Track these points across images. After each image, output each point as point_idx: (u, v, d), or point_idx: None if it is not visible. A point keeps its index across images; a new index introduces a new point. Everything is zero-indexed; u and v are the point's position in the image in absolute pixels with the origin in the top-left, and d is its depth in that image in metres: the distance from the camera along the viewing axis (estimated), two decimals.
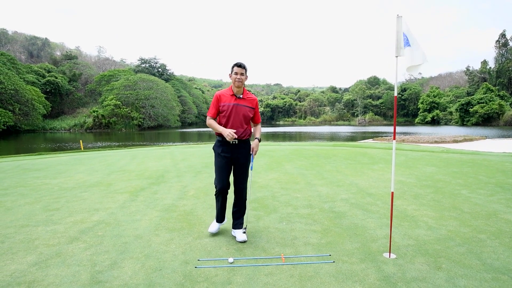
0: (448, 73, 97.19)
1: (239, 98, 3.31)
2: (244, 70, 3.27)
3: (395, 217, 3.95)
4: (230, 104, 3.27)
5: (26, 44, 77.21)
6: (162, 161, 9.05)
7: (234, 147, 3.29)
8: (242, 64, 3.25)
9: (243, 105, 3.31)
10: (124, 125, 52.91)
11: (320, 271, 2.66)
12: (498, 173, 6.61)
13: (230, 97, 3.31)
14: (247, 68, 3.31)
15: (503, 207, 4.31)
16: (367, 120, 72.90)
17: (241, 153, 3.32)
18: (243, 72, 3.26)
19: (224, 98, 3.31)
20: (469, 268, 2.68)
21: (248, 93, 3.42)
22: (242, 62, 3.26)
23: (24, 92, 43.38)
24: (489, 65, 67.51)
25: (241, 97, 3.32)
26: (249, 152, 3.39)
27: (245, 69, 3.28)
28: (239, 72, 3.24)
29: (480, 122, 51.41)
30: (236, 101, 3.28)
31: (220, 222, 3.54)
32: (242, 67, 3.25)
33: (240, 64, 3.25)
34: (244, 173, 3.39)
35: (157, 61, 71.05)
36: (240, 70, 3.24)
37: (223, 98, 3.32)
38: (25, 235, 3.54)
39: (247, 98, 3.36)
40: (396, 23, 2.90)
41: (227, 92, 3.36)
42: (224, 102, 3.29)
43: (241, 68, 3.24)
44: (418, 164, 7.93)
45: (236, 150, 3.30)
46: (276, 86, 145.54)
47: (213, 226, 3.52)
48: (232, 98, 3.30)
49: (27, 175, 7.34)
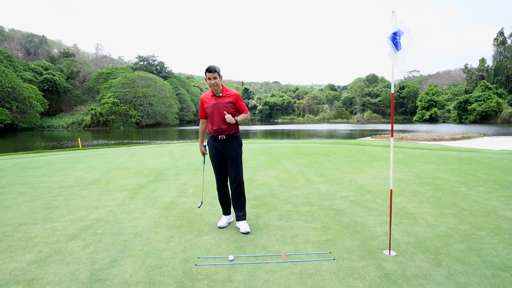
0: (446, 71, 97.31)
1: (219, 97, 3.54)
2: (215, 73, 3.42)
3: (394, 214, 3.95)
4: (211, 104, 3.54)
5: (23, 41, 76.75)
6: (161, 159, 9.03)
7: (222, 142, 3.55)
8: (212, 68, 3.40)
9: (222, 102, 3.52)
10: (122, 123, 52.77)
11: (321, 268, 2.65)
12: (497, 171, 6.63)
13: (211, 98, 3.57)
14: (218, 69, 3.45)
15: (502, 204, 4.32)
16: (365, 118, 72.97)
17: (229, 148, 3.56)
18: (216, 76, 3.43)
19: (207, 100, 3.60)
20: (469, 265, 2.68)
21: (228, 90, 3.61)
22: (212, 66, 3.41)
23: (21, 89, 43.12)
24: (487, 63, 67.67)
25: (220, 96, 3.54)
26: (237, 146, 3.61)
27: (217, 71, 3.43)
28: (211, 77, 3.42)
29: (478, 120, 51.58)
30: (216, 100, 3.53)
31: (226, 215, 3.75)
32: (212, 72, 3.41)
33: (210, 70, 3.40)
34: (236, 166, 3.59)
35: (155, 58, 70.82)
36: (211, 75, 3.41)
37: (206, 100, 3.61)
38: (24, 233, 3.52)
39: (226, 95, 3.56)
40: (392, 20, 2.89)
41: (208, 94, 3.62)
42: (207, 104, 3.57)
43: (212, 73, 3.41)
44: (417, 161, 7.94)
45: (225, 144, 3.55)
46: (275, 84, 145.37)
47: (221, 220, 3.71)
48: (212, 99, 3.56)
49: (25, 173, 7.31)
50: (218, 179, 3.71)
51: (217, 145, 3.57)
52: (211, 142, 3.62)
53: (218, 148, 3.57)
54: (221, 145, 3.56)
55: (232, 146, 3.57)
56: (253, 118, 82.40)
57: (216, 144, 3.57)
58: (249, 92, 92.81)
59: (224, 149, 3.56)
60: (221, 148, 3.56)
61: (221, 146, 3.56)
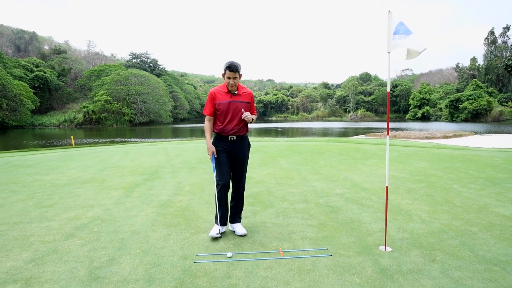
0: (438, 70, 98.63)
1: (235, 95, 3.28)
2: (237, 73, 3.18)
3: (389, 211, 4.01)
4: (226, 101, 3.24)
5: (13, 37, 75.22)
6: (156, 157, 8.99)
7: (232, 143, 3.31)
8: (234, 67, 3.14)
9: (239, 101, 3.28)
10: (115, 121, 52.26)
11: (318, 265, 2.69)
12: (488, 168, 6.76)
13: (225, 95, 3.26)
14: (239, 68, 3.20)
15: (493, 201, 4.42)
16: (359, 116, 73.51)
17: (240, 149, 3.34)
18: (236, 76, 3.19)
19: (219, 96, 3.26)
20: (463, 260, 2.75)
21: (243, 88, 3.38)
22: (234, 64, 3.15)
23: (11, 87, 42.38)
24: (478, 62, 68.68)
25: (236, 94, 3.29)
26: (247, 147, 3.43)
27: (238, 71, 3.18)
28: (232, 77, 3.17)
29: (469, 118, 52.37)
30: (232, 98, 3.26)
31: (221, 225, 3.32)
32: (234, 71, 3.14)
33: (232, 69, 3.13)
34: (243, 168, 3.40)
35: (148, 56, 70.20)
36: (232, 74, 3.15)
37: (218, 96, 3.27)
38: (19, 232, 3.49)
39: (242, 93, 3.33)
40: (388, 19, 2.92)
41: (221, 89, 3.30)
42: (219, 100, 3.25)
43: (234, 73, 3.15)
44: (411, 159, 8.05)
45: (235, 145, 3.32)
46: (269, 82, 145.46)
47: (214, 229, 3.31)
48: (227, 95, 3.26)
49: (17, 171, 7.21)
50: (222, 183, 3.27)
51: (226, 147, 3.30)
52: (219, 143, 3.32)
53: (228, 150, 3.30)
54: (231, 147, 3.30)
55: (242, 147, 3.35)
56: None
57: (225, 145, 3.30)
58: None
59: (234, 151, 3.31)
60: (231, 149, 3.30)
61: (230, 147, 3.30)
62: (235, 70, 3.15)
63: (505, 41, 63.42)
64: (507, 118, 50.40)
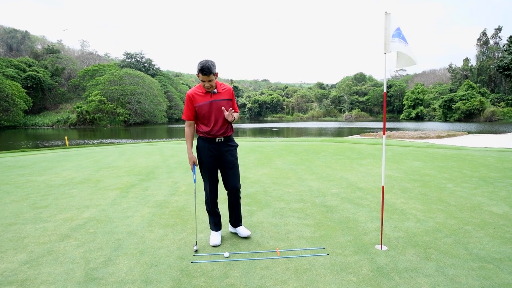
0: (432, 70, 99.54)
1: (214, 93, 3.06)
2: (211, 75, 2.92)
3: (385, 210, 4.04)
4: (207, 102, 3.03)
5: (4, 37, 74.28)
6: (151, 157, 8.95)
7: (220, 145, 3.14)
8: (207, 70, 2.88)
9: (220, 99, 3.07)
10: (110, 121, 51.91)
11: (315, 264, 2.71)
12: (481, 167, 6.84)
13: (204, 96, 3.04)
14: (213, 69, 2.93)
15: (487, 200, 4.48)
16: (353, 116, 73.92)
17: (228, 150, 3.18)
18: (211, 79, 2.95)
19: (199, 98, 3.04)
20: (457, 258, 2.79)
21: (222, 85, 3.16)
22: (207, 66, 2.88)
23: (3, 86, 41.91)
24: (470, 63, 69.46)
25: (215, 92, 3.07)
26: (235, 149, 3.26)
27: (212, 73, 2.92)
28: (206, 80, 2.94)
29: (462, 118, 52.96)
30: (212, 98, 3.05)
31: (218, 230, 3.28)
32: (207, 74, 2.90)
33: (205, 71, 2.89)
34: (234, 171, 3.21)
35: (143, 56, 69.75)
36: (206, 78, 2.92)
37: (197, 98, 3.04)
38: (14, 233, 3.46)
39: (222, 91, 3.11)
40: (384, 20, 2.95)
41: (200, 91, 3.06)
42: (199, 103, 3.03)
43: (207, 76, 2.91)
44: (405, 159, 8.12)
45: (222, 148, 3.16)
46: (264, 82, 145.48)
47: (213, 237, 3.19)
48: (207, 96, 3.04)
49: (10, 172, 7.13)
50: (211, 189, 3.18)
51: (213, 149, 3.11)
52: (205, 146, 3.11)
53: (215, 153, 3.12)
54: (218, 149, 3.13)
55: (230, 149, 3.19)
56: (243, 116, 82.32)
57: (212, 147, 3.10)
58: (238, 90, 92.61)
59: (221, 153, 3.14)
60: (218, 152, 3.13)
61: (218, 150, 3.13)
62: (208, 74, 2.90)
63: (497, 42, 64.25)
64: (499, 118, 51.12)
